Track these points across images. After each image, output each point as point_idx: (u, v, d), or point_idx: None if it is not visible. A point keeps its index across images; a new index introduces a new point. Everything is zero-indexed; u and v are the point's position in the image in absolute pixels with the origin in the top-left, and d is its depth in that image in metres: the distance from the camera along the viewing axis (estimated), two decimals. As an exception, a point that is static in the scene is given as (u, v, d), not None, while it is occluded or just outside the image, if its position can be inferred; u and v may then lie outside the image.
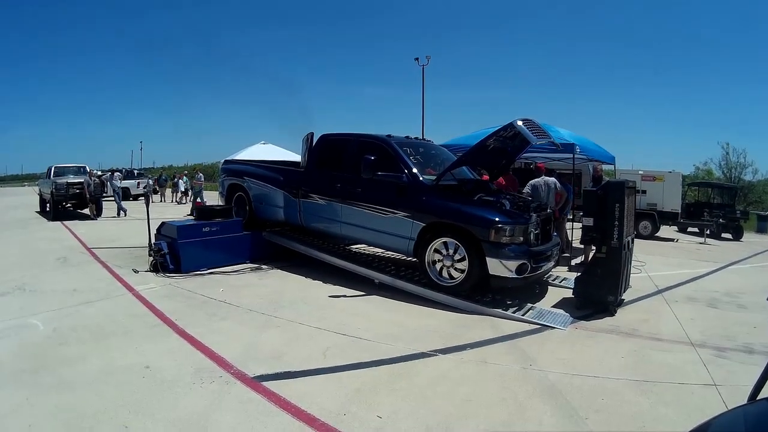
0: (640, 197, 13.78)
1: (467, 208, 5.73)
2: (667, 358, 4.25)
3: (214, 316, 5.15)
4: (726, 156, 33.96)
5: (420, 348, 4.29)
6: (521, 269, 5.39)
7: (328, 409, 3.15)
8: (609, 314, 5.39)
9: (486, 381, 3.68)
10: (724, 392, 3.51)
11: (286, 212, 7.75)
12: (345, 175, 6.85)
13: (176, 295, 5.95)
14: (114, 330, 4.68)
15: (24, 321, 4.91)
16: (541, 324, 5.01)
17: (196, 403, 3.20)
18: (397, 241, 6.23)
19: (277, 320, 5.05)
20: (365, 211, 6.52)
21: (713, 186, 20.78)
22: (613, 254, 5.36)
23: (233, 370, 3.74)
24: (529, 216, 5.74)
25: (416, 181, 6.16)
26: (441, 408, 3.23)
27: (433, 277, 5.88)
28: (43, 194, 17.40)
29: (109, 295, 5.98)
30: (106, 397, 3.27)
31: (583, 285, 5.62)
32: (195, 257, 7.24)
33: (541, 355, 4.20)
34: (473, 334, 4.70)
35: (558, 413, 3.18)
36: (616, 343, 4.60)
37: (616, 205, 5.31)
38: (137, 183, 25.66)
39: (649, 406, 3.33)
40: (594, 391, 3.52)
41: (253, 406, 3.18)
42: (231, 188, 8.89)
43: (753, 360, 4.19)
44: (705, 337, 4.82)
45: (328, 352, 4.18)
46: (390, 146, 6.58)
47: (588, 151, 9.54)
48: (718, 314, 5.77)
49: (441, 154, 7.58)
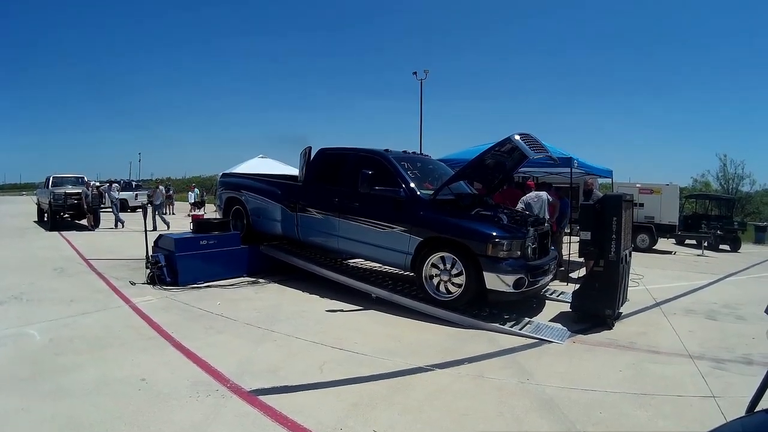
0: (637, 210, 13.83)
1: (464, 222, 5.75)
2: (666, 370, 4.25)
3: (211, 330, 5.14)
4: (723, 168, 34.08)
5: (417, 362, 4.28)
6: (519, 283, 5.39)
7: (325, 423, 3.13)
8: (607, 327, 5.39)
9: (483, 395, 3.67)
10: (722, 404, 3.50)
11: (283, 226, 7.75)
12: (342, 190, 6.86)
13: (173, 308, 5.94)
14: (110, 341, 4.66)
15: (21, 330, 4.90)
16: (539, 338, 5.00)
17: (192, 417, 3.18)
18: (395, 255, 6.23)
19: (274, 334, 5.04)
20: (363, 225, 6.52)
21: (711, 198, 20.89)
22: (611, 268, 5.38)
23: (229, 383, 3.73)
24: (526, 230, 5.75)
25: (414, 196, 6.18)
26: (438, 422, 3.21)
27: (430, 292, 5.87)
28: (41, 204, 17.41)
29: (106, 306, 5.97)
30: (102, 409, 3.26)
31: (581, 299, 5.62)
32: (192, 270, 7.23)
33: (538, 369, 4.19)
34: (470, 349, 4.69)
35: (556, 427, 3.17)
36: (614, 356, 4.59)
37: (614, 219, 5.34)
38: (135, 195, 25.64)
39: (648, 419, 3.32)
40: (592, 404, 3.51)
41: (249, 420, 3.16)
42: (229, 201, 8.90)
43: (752, 371, 4.19)
44: (703, 349, 4.83)
45: (325, 366, 4.16)
46: (387, 161, 6.61)
47: (585, 165, 9.59)
48: (716, 326, 5.78)
49: (438, 168, 7.61)
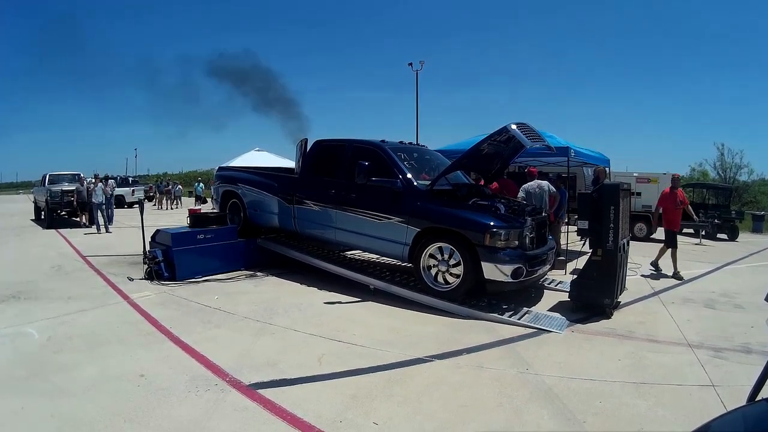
0: (635, 199, 13.81)
1: (462, 212, 5.73)
2: (665, 359, 4.26)
3: (209, 324, 5.13)
4: (721, 157, 34.17)
5: (416, 354, 4.28)
6: (517, 273, 5.38)
7: (324, 416, 3.13)
8: (605, 317, 5.40)
9: (482, 386, 3.67)
10: (722, 393, 3.51)
11: (280, 219, 7.73)
12: (339, 181, 6.84)
13: (171, 303, 5.92)
14: (109, 338, 4.65)
15: (19, 329, 4.89)
16: (538, 328, 5.00)
17: (191, 412, 3.18)
18: (392, 246, 6.22)
19: (272, 327, 5.03)
20: (360, 216, 6.50)
21: (708, 187, 20.88)
22: (609, 257, 5.37)
23: (228, 377, 3.72)
24: (524, 220, 5.74)
25: (411, 187, 6.15)
26: (437, 414, 3.21)
27: (428, 283, 5.86)
28: (38, 202, 17.32)
29: (104, 303, 5.95)
30: (101, 405, 3.25)
31: (579, 288, 5.62)
32: (190, 265, 7.21)
33: (537, 359, 4.19)
34: (469, 339, 4.69)
35: (555, 417, 3.17)
36: (613, 345, 4.60)
37: (611, 208, 5.32)
38: (132, 190, 25.65)
39: (647, 408, 3.32)
40: (591, 394, 3.51)
41: (248, 414, 3.16)
42: (225, 195, 8.87)
43: (751, 360, 4.20)
44: (702, 338, 4.83)
45: (324, 358, 4.16)
46: (384, 151, 6.58)
47: (582, 155, 9.55)
48: (714, 315, 5.78)
49: (435, 159, 7.58)
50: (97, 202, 14.01)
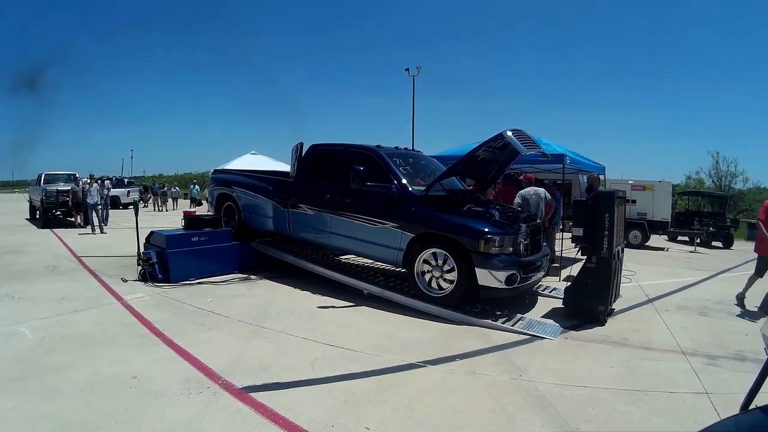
0: (630, 207, 13.87)
1: (456, 218, 5.73)
2: (658, 366, 4.26)
3: (203, 326, 5.11)
4: (716, 165, 34.39)
5: (409, 359, 4.27)
6: (511, 279, 5.39)
7: (317, 420, 3.12)
8: (599, 324, 5.40)
9: (475, 392, 3.66)
10: (716, 400, 3.51)
11: (275, 222, 7.72)
12: (334, 186, 6.84)
13: (165, 305, 5.90)
14: (102, 339, 4.63)
15: (12, 329, 4.86)
16: (531, 334, 5.00)
17: (183, 414, 3.16)
18: (387, 251, 6.21)
19: (265, 331, 5.01)
20: (354, 221, 6.50)
21: (703, 195, 20.97)
22: (603, 264, 5.38)
23: (221, 380, 3.70)
24: (518, 226, 5.75)
25: (406, 192, 6.16)
26: (430, 420, 3.20)
27: (422, 288, 5.86)
28: (33, 201, 17.25)
29: (98, 303, 5.92)
30: (93, 407, 3.23)
31: (573, 295, 5.63)
32: (184, 267, 7.18)
33: (531, 366, 4.19)
34: (462, 345, 4.68)
35: (548, 424, 3.17)
36: (607, 352, 4.60)
37: (606, 215, 5.34)
38: (127, 192, 25.60)
39: (641, 415, 3.32)
40: (584, 401, 3.51)
41: (240, 418, 3.14)
42: (220, 198, 8.85)
43: (744, 368, 4.20)
44: (696, 345, 4.84)
45: (317, 363, 4.15)
46: (379, 157, 6.59)
47: (578, 162, 9.59)
48: (709, 322, 5.79)
49: (430, 164, 7.60)
50: (92, 202, 13.89)
